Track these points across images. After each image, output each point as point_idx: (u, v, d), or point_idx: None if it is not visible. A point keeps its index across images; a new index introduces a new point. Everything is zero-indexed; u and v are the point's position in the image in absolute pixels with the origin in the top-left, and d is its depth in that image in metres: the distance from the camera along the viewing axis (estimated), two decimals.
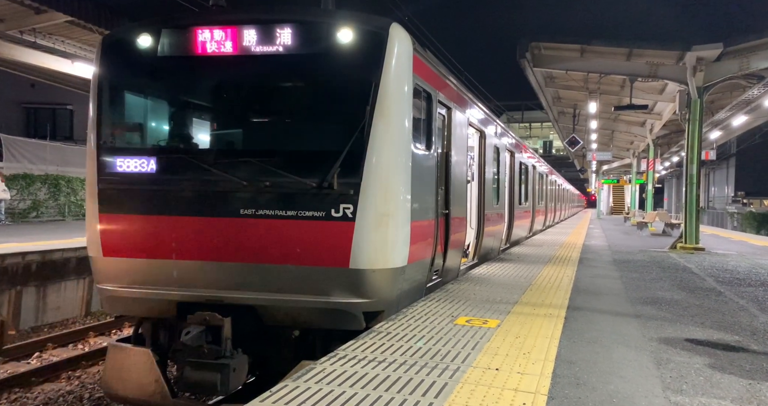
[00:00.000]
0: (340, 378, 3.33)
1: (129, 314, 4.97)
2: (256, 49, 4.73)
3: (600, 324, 5.03)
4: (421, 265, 5.49)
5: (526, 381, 3.36)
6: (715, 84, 12.81)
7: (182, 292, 4.72)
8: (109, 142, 5.01)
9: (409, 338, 4.25)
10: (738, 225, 34.73)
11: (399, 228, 4.66)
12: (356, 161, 4.47)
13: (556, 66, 14.59)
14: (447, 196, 6.32)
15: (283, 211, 4.54)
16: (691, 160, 13.04)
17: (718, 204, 47.71)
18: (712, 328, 5.07)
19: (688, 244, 13.15)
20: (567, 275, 8.05)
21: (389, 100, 4.57)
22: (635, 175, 33.13)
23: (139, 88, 5.33)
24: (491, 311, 5.33)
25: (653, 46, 12.86)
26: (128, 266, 4.82)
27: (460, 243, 7.15)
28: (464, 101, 7.40)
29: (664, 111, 20.13)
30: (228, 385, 4.45)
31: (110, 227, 4.85)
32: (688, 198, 13.24)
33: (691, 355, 4.15)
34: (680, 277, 8.50)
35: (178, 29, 4.94)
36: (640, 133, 25.42)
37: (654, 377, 3.59)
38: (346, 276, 4.49)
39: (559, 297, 6.24)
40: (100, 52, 5.08)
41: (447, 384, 3.26)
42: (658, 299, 6.53)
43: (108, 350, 5.04)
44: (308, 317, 4.62)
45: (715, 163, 44.11)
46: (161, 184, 4.81)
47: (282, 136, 5.09)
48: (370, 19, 4.81)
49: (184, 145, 5.20)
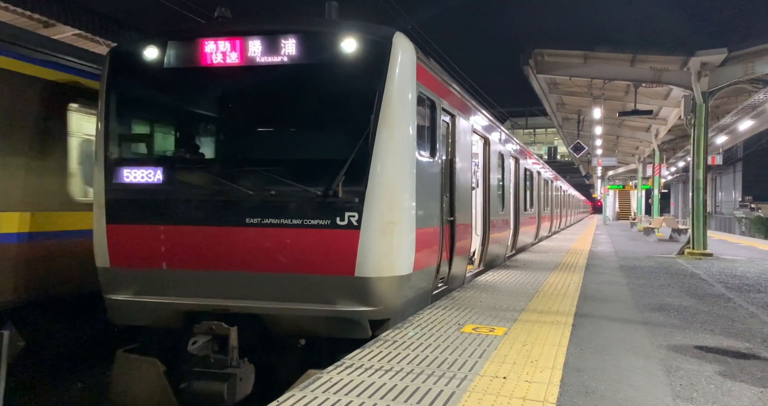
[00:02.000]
0: (347, 388, 3.32)
1: (136, 323, 4.97)
2: (261, 59, 4.77)
3: (608, 331, 4.99)
4: (427, 272, 5.47)
5: (534, 390, 3.34)
6: (720, 89, 12.77)
7: (188, 301, 4.73)
8: (116, 152, 5.06)
9: (415, 346, 4.24)
10: (746, 230, 34.44)
11: (404, 236, 4.66)
12: (361, 169, 4.48)
13: (560, 72, 14.62)
14: (452, 203, 6.31)
15: (289, 219, 4.56)
16: (698, 165, 12.97)
17: (725, 209, 47.36)
18: (721, 335, 5.02)
19: (696, 249, 13.04)
20: (574, 282, 8.00)
21: (393, 108, 4.60)
22: (641, 180, 32.97)
23: (146, 99, 5.39)
24: (498, 319, 5.30)
25: (657, 51, 12.86)
26: (135, 276, 4.84)
27: (466, 250, 7.13)
28: (468, 108, 7.42)
29: (669, 116, 20.07)
30: (235, 395, 4.44)
31: (117, 237, 4.88)
32: (695, 203, 13.16)
33: (701, 362, 4.11)
34: (688, 283, 8.43)
35: (184, 41, 5.00)
36: (645, 138, 25.33)
37: (664, 385, 3.55)
38: (351, 284, 4.48)
39: (566, 304, 6.20)
40: (108, 64, 5.15)
41: (454, 393, 3.24)
42: (666, 305, 6.47)
43: (115, 359, 5.05)
44: (314, 326, 4.61)
45: (722, 168, 43.80)
46: (167, 195, 4.84)
47: (287, 145, 5.12)
48: (374, 29, 4.85)
49: (189, 156, 5.24)
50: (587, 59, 13.84)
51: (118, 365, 5.00)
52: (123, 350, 5.08)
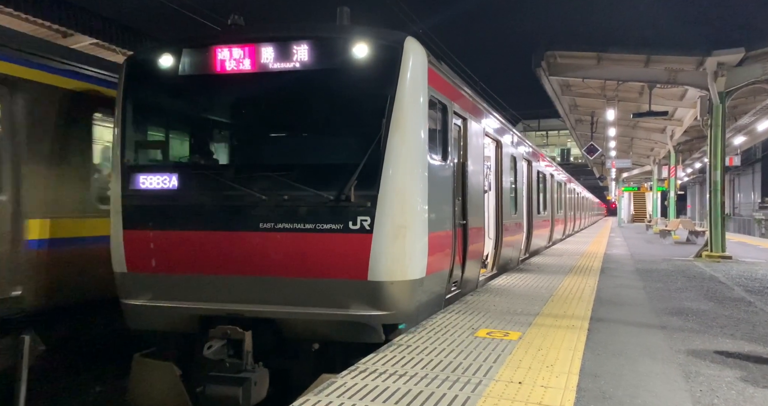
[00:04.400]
0: (362, 392, 3.32)
1: (152, 328, 5.03)
2: (274, 66, 4.82)
3: (624, 336, 4.92)
4: (440, 276, 5.45)
5: (550, 395, 3.30)
6: (737, 89, 12.54)
7: (203, 306, 4.78)
8: (132, 159, 5.14)
9: (429, 350, 4.22)
10: (766, 232, 33.70)
11: (416, 239, 4.66)
12: (373, 173, 4.49)
13: (573, 74, 14.49)
14: (464, 207, 6.29)
15: (302, 224, 4.58)
16: (715, 167, 12.75)
17: (744, 211, 46.41)
18: (742, 339, 4.91)
19: (714, 252, 12.80)
20: (589, 286, 7.90)
21: (405, 112, 4.61)
22: (656, 182, 32.51)
23: (161, 106, 5.47)
24: (512, 323, 5.25)
25: (672, 52, 12.69)
26: (151, 281, 4.90)
27: (479, 254, 7.10)
28: (479, 111, 7.40)
29: (684, 117, 19.78)
30: (249, 399, 4.46)
31: (134, 243, 4.95)
32: (713, 205, 12.92)
33: (721, 368, 4.02)
34: (707, 286, 8.27)
35: (199, 49, 5.07)
36: (661, 139, 24.99)
37: (683, 391, 3.48)
38: (364, 288, 4.49)
39: (581, 308, 6.12)
40: (124, 72, 5.24)
41: (469, 398, 3.22)
42: (684, 309, 6.36)
43: (133, 363, 5.11)
44: (327, 330, 4.62)
45: (740, 169, 42.96)
46: (183, 200, 4.90)
47: (300, 150, 5.16)
48: (385, 34, 4.87)
49: (204, 161, 5.30)
50: (600, 61, 13.70)
51: (135, 369, 5.06)
52: (140, 355, 5.15)
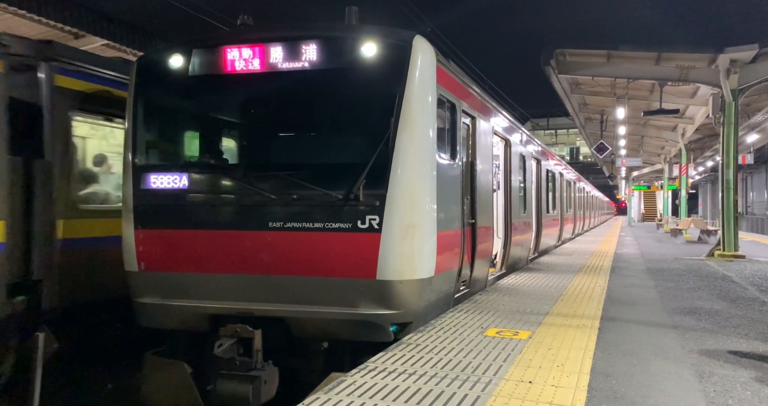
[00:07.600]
0: (371, 391, 3.32)
1: (163, 327, 5.07)
2: (283, 65, 4.83)
3: (636, 335, 4.87)
4: (449, 275, 5.44)
5: (561, 394, 3.28)
6: (750, 86, 12.37)
7: (213, 304, 4.81)
8: (143, 159, 5.19)
9: (438, 350, 4.21)
10: None
11: (425, 238, 4.65)
12: (381, 173, 4.49)
13: (582, 72, 14.38)
14: (473, 206, 6.27)
15: (311, 223, 4.59)
16: (727, 165, 12.59)
17: (757, 209, 45.78)
18: (757, 340, 4.85)
19: (727, 251, 12.64)
20: (599, 285, 7.84)
21: (413, 111, 4.60)
22: (667, 180, 32.17)
23: (172, 106, 5.51)
24: (522, 322, 5.23)
25: (683, 49, 12.55)
26: (162, 280, 4.94)
27: (488, 253, 7.07)
28: (488, 110, 7.37)
29: (696, 115, 19.54)
30: (259, 397, 4.48)
31: (145, 242, 4.99)
32: (725, 204, 12.76)
33: (735, 368, 3.97)
34: (719, 286, 8.17)
35: (208, 49, 5.10)
36: (672, 138, 24.71)
37: (696, 391, 3.45)
38: (373, 287, 4.49)
39: (591, 307, 6.08)
40: (135, 73, 5.28)
41: (479, 397, 3.21)
42: (696, 309, 6.29)
43: (144, 361, 5.16)
44: (337, 329, 4.62)
45: (753, 167, 42.35)
46: (193, 200, 4.93)
47: (309, 149, 5.17)
48: (394, 33, 4.86)
49: (214, 161, 5.34)
50: (610, 58, 13.58)
51: (146, 367, 5.11)
52: (151, 353, 5.19)
